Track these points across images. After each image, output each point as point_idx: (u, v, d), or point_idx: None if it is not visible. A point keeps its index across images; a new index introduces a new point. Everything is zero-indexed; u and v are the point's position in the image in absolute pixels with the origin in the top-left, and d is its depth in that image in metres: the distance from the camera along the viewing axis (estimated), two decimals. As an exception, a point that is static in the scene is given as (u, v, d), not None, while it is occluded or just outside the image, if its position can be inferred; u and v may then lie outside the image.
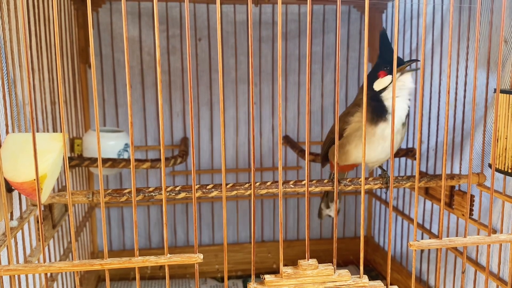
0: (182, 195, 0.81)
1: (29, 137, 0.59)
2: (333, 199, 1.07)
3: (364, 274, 0.63)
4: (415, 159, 1.21)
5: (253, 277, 0.62)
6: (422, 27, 0.58)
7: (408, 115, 0.88)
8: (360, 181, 0.86)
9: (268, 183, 0.84)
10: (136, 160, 1.08)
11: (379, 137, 0.85)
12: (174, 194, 0.81)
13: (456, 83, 1.02)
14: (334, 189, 0.64)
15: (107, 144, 1.15)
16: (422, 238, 1.20)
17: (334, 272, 0.62)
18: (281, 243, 0.60)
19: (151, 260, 0.59)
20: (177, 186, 0.82)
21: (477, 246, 0.94)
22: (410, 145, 1.25)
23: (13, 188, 0.66)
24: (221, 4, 0.54)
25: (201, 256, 0.60)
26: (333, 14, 1.42)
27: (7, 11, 0.74)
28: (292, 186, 0.84)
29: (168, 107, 1.39)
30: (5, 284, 0.62)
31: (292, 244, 1.50)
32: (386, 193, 1.43)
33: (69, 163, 0.96)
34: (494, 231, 0.88)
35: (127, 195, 0.79)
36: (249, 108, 1.43)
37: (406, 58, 1.30)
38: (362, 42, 1.45)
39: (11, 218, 0.72)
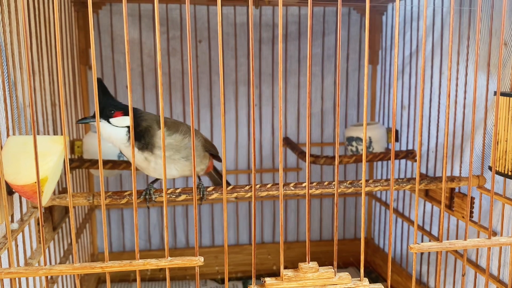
0: (183, 197, 0.81)
1: (29, 139, 0.59)
2: None
3: (364, 276, 0.63)
4: (415, 161, 1.21)
5: (253, 279, 0.62)
6: (422, 29, 0.58)
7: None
8: (361, 183, 0.87)
9: (269, 186, 0.84)
10: (137, 162, 1.08)
11: (142, 162, 0.83)
12: (174, 196, 0.82)
13: (456, 85, 1.02)
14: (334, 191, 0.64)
15: (108, 146, 1.15)
16: (422, 240, 1.20)
17: (335, 275, 0.62)
18: (281, 246, 0.60)
19: (152, 263, 0.59)
20: (178, 188, 0.82)
21: (477, 249, 0.94)
22: (410, 147, 1.25)
23: (13, 190, 0.66)
24: (221, 6, 0.54)
25: (202, 259, 0.60)
26: (333, 16, 1.42)
27: (8, 13, 0.74)
28: (293, 188, 0.84)
29: (168, 108, 1.39)
30: (6, 287, 0.62)
31: (292, 246, 1.50)
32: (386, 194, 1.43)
33: (69, 165, 0.96)
34: (494, 234, 0.88)
35: (128, 197, 0.80)
36: (249, 110, 1.43)
37: (406, 60, 1.30)
38: (362, 44, 1.45)
39: (12, 221, 0.72)
